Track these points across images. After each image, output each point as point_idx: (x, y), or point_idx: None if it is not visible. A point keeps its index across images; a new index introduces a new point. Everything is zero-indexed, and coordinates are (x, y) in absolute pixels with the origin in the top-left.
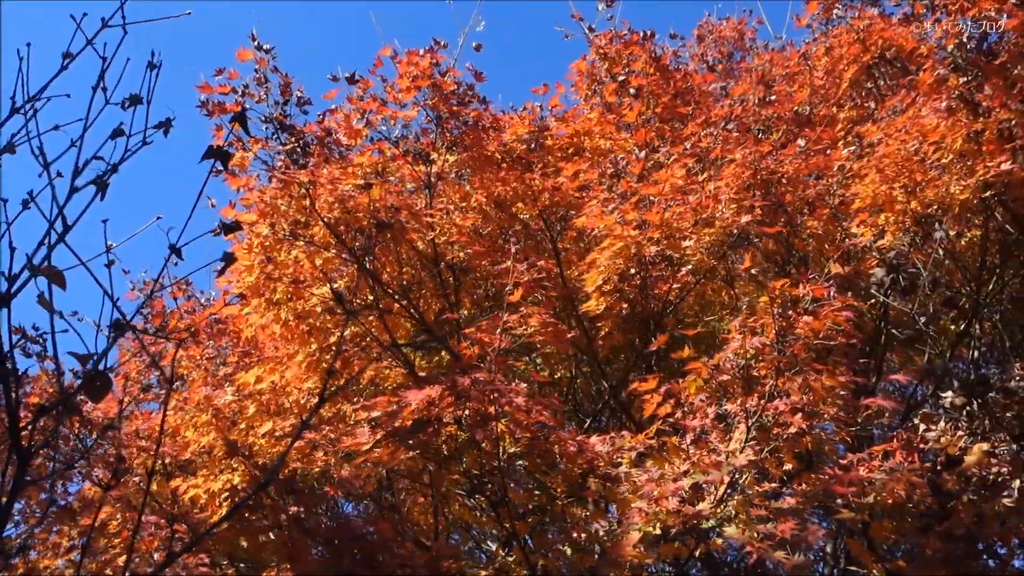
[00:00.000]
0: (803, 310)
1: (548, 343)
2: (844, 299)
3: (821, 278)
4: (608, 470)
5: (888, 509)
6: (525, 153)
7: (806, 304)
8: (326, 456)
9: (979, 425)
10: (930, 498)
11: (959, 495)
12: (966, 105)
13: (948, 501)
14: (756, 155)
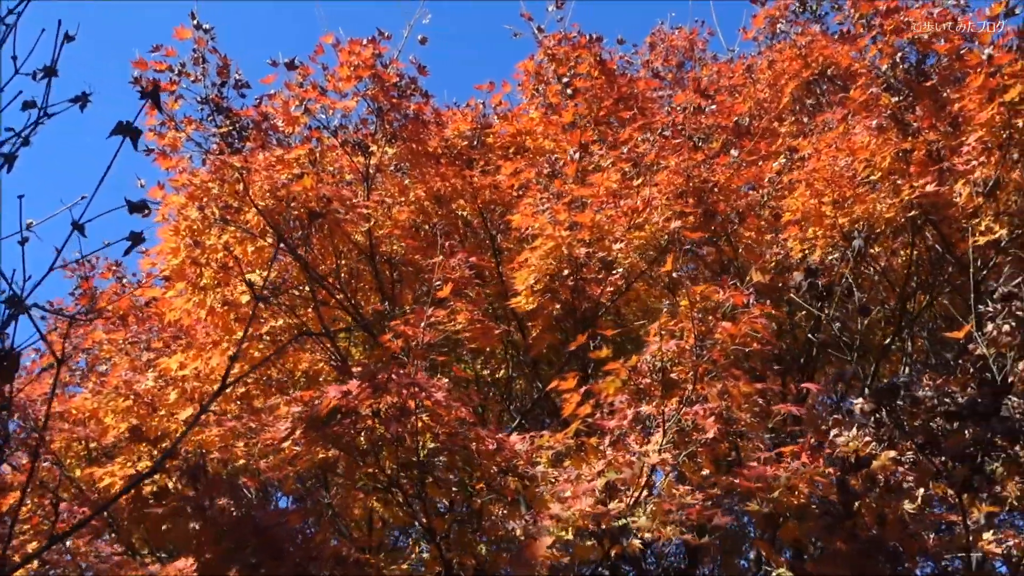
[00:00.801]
0: (722, 316)
1: (476, 339)
2: (763, 307)
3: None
4: (527, 469)
5: (795, 511)
6: (467, 150)
7: (726, 310)
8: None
9: (886, 432)
10: (835, 496)
11: (864, 495)
12: (896, 124)
13: (854, 500)
14: (689, 163)
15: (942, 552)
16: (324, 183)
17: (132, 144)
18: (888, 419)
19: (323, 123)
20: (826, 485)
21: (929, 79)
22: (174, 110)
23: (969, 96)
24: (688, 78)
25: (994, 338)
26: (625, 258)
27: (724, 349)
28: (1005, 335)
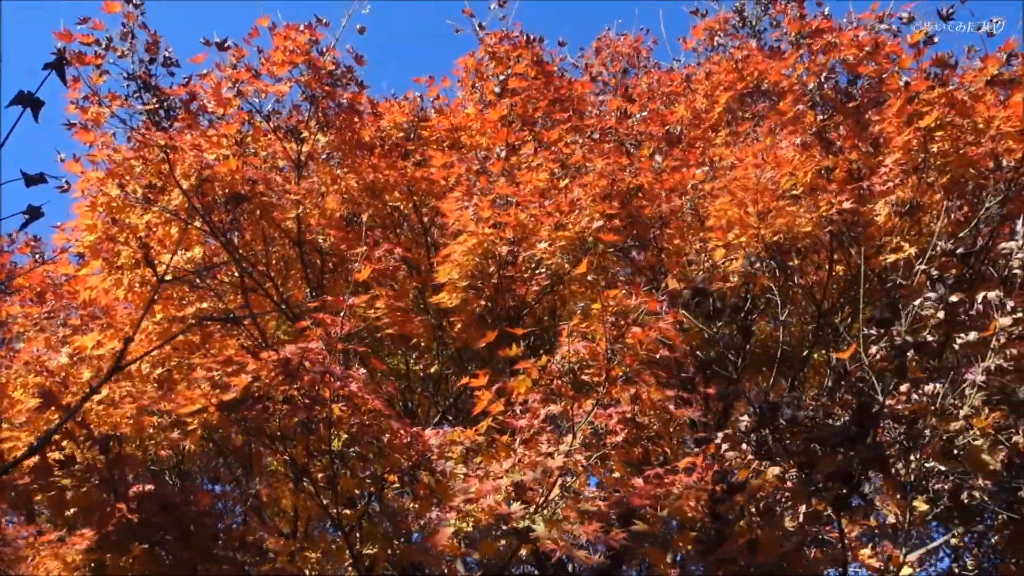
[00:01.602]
0: (635, 321)
1: (396, 327)
2: (676, 314)
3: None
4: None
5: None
6: (402, 142)
7: (639, 316)
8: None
9: (766, 450)
10: (708, 521)
11: (735, 521)
12: (820, 142)
13: (725, 527)
14: (615, 166)
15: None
16: (252, 167)
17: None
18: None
19: (255, 107)
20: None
21: (853, 100)
22: (99, 84)
23: (888, 119)
24: (630, 84)
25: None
26: (550, 258)
27: (636, 354)
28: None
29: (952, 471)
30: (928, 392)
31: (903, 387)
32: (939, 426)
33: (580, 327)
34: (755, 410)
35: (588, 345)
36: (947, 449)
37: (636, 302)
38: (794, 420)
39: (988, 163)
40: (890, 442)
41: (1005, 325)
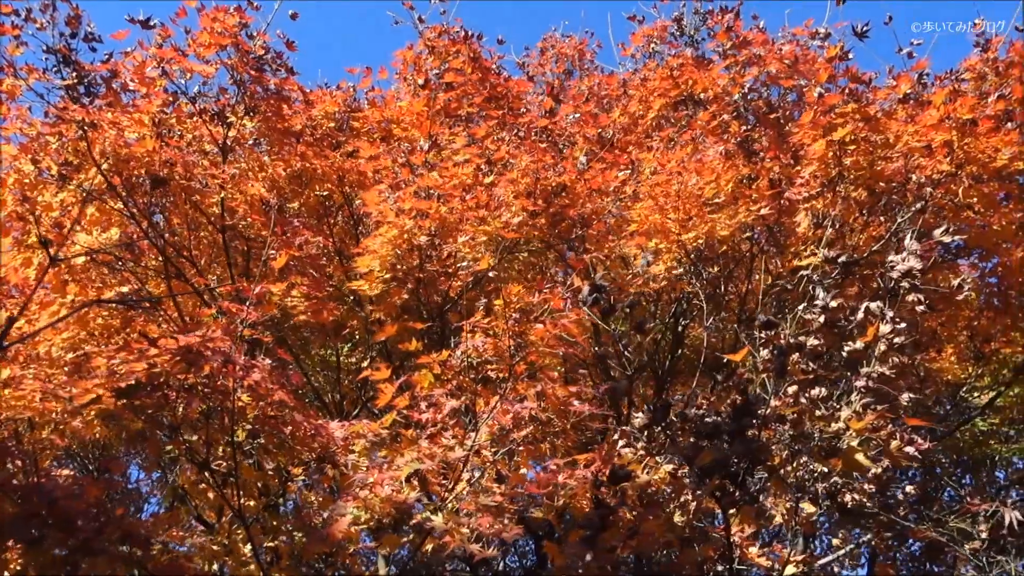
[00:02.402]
0: (535, 318)
1: (310, 316)
2: (580, 312)
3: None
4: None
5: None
6: (333, 132)
7: (542, 312)
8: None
9: (656, 446)
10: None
11: (619, 508)
12: (743, 151)
13: (609, 514)
14: (539, 164)
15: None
16: (172, 148)
17: None
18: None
19: (181, 88)
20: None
21: (775, 111)
22: (16, 56)
23: (804, 131)
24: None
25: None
26: (471, 253)
27: (540, 351)
28: (766, 361)
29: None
30: (813, 396)
31: (791, 389)
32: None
33: (482, 323)
34: (648, 407)
35: (492, 341)
36: (828, 451)
37: (538, 299)
38: (684, 417)
39: (900, 178)
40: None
41: (884, 333)
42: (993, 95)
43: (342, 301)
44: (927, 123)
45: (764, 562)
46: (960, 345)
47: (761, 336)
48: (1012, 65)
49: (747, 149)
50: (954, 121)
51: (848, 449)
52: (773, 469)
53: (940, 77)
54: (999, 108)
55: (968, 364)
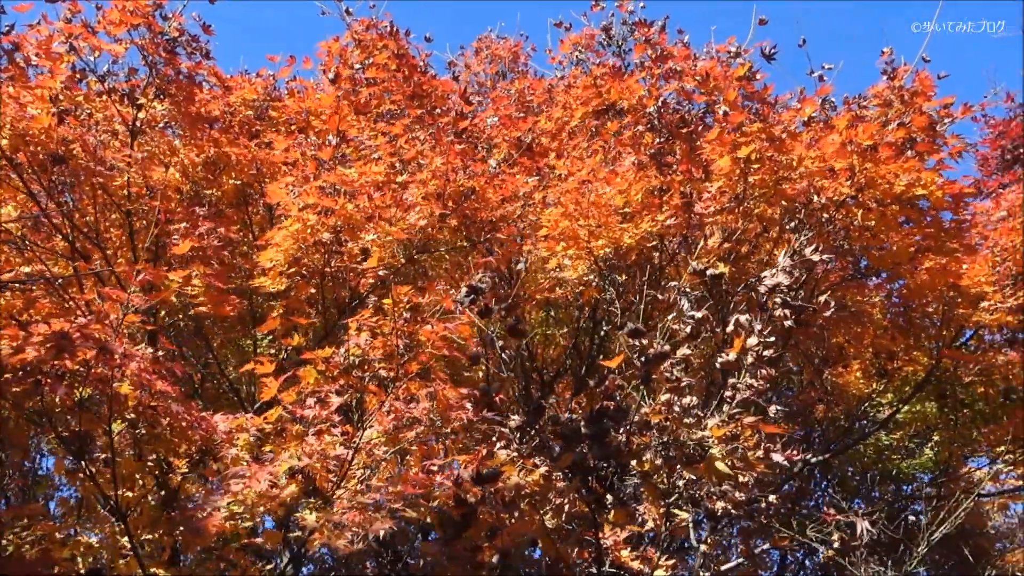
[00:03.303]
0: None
1: (209, 308)
2: (470, 315)
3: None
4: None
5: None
6: (251, 120)
7: (432, 312)
8: None
9: (528, 447)
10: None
11: (480, 506)
12: (655, 163)
13: (470, 513)
14: (449, 166)
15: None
16: (73, 126)
17: None
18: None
19: (90, 66)
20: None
21: (689, 125)
22: None
23: (712, 147)
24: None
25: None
26: (379, 251)
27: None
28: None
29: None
30: (684, 404)
31: (663, 397)
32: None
33: (369, 321)
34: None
35: (381, 340)
36: (689, 458)
37: (427, 300)
38: (556, 420)
39: (804, 198)
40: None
41: (752, 345)
42: (894, 123)
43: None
44: (829, 148)
45: (637, 565)
46: (866, 362)
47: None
48: (916, 94)
49: (660, 161)
50: (856, 146)
51: (710, 457)
52: (646, 475)
53: (848, 101)
54: (900, 136)
55: (872, 380)
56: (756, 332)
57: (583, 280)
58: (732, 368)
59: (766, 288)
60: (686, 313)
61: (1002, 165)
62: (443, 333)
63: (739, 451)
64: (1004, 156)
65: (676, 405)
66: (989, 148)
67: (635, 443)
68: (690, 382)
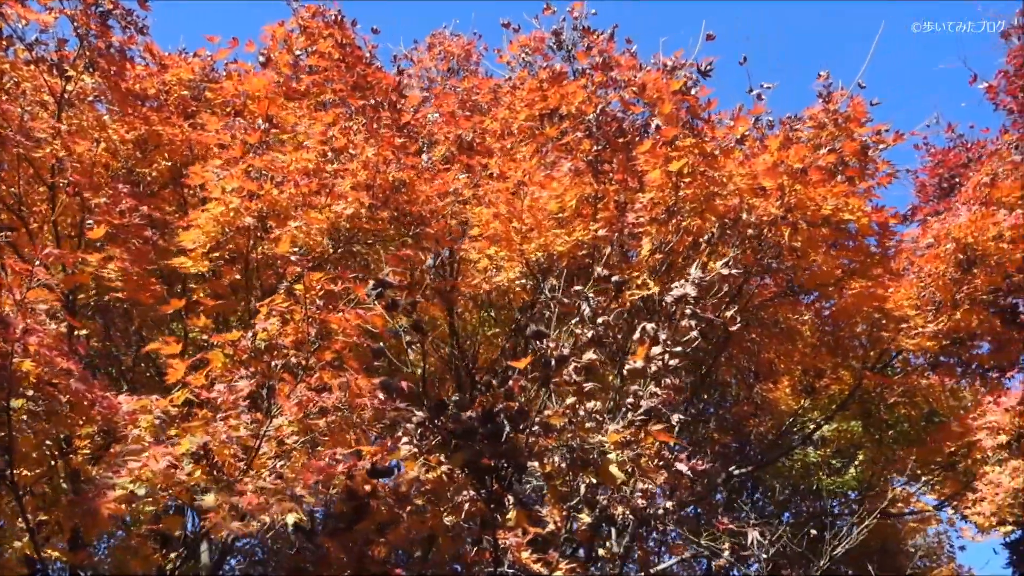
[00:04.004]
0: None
1: (125, 293)
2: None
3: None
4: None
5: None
6: (185, 100)
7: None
8: None
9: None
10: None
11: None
12: (592, 170)
13: (361, 507)
14: (380, 159)
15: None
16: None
17: None
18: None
19: (18, 32)
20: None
21: (626, 135)
22: None
23: (645, 159)
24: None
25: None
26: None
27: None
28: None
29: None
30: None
31: (569, 400)
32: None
33: (280, 306)
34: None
35: (293, 326)
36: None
37: (340, 288)
38: (456, 418)
39: (734, 214)
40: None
41: (656, 354)
42: (825, 147)
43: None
44: (760, 167)
45: (538, 568)
46: (795, 378)
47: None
48: (850, 119)
49: (596, 169)
50: (787, 168)
51: (604, 461)
52: (550, 477)
53: (784, 122)
54: (831, 160)
55: (801, 397)
56: (661, 341)
57: (514, 283)
58: (638, 375)
59: (673, 299)
60: (588, 318)
61: (939, 192)
62: (356, 322)
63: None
64: (941, 184)
65: (581, 409)
66: (928, 176)
67: (537, 445)
68: (594, 387)
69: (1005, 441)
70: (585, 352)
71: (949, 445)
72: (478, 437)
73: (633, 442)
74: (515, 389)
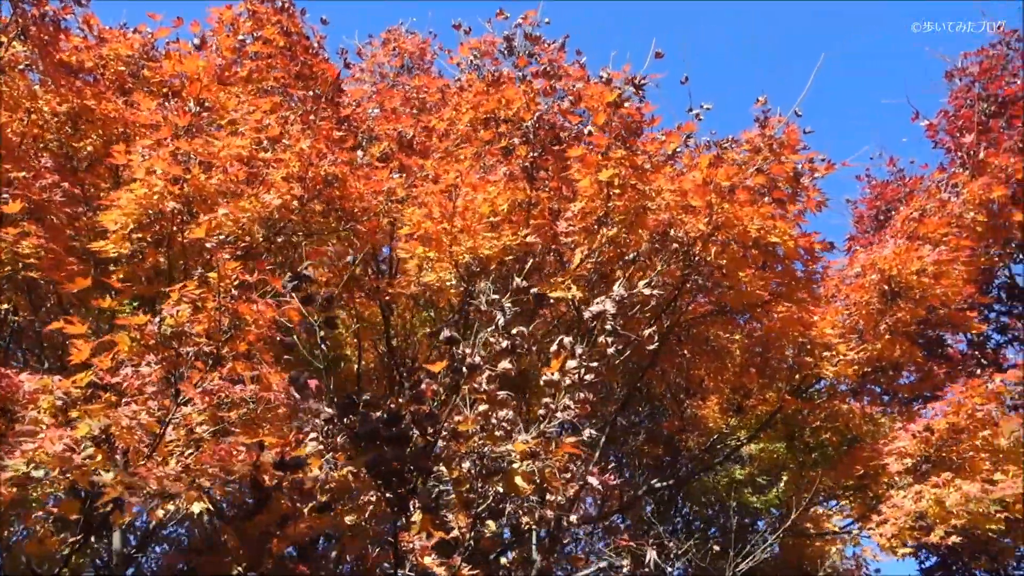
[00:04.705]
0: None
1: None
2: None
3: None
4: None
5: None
6: (122, 76)
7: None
8: None
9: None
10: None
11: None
12: (526, 175)
13: (263, 499)
14: (314, 151)
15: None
16: None
17: None
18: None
19: None
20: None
21: (562, 143)
22: None
23: (576, 168)
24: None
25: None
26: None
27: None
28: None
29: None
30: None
31: (482, 408)
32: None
33: (192, 293)
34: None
35: (206, 314)
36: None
37: (255, 278)
38: (364, 419)
39: (663, 229)
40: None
41: (571, 367)
42: (752, 168)
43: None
44: (688, 184)
45: (441, 572)
46: (724, 397)
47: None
48: (784, 146)
49: (531, 175)
50: (715, 186)
51: (510, 471)
52: (459, 483)
53: (719, 143)
54: (759, 181)
55: (728, 415)
56: (576, 355)
57: (444, 284)
58: (554, 387)
59: (591, 314)
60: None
61: (875, 224)
62: (271, 315)
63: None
64: (878, 216)
65: (493, 417)
66: (866, 207)
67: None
68: (507, 396)
69: (910, 465)
70: (500, 361)
71: (859, 468)
72: (382, 439)
73: (541, 454)
74: (427, 393)
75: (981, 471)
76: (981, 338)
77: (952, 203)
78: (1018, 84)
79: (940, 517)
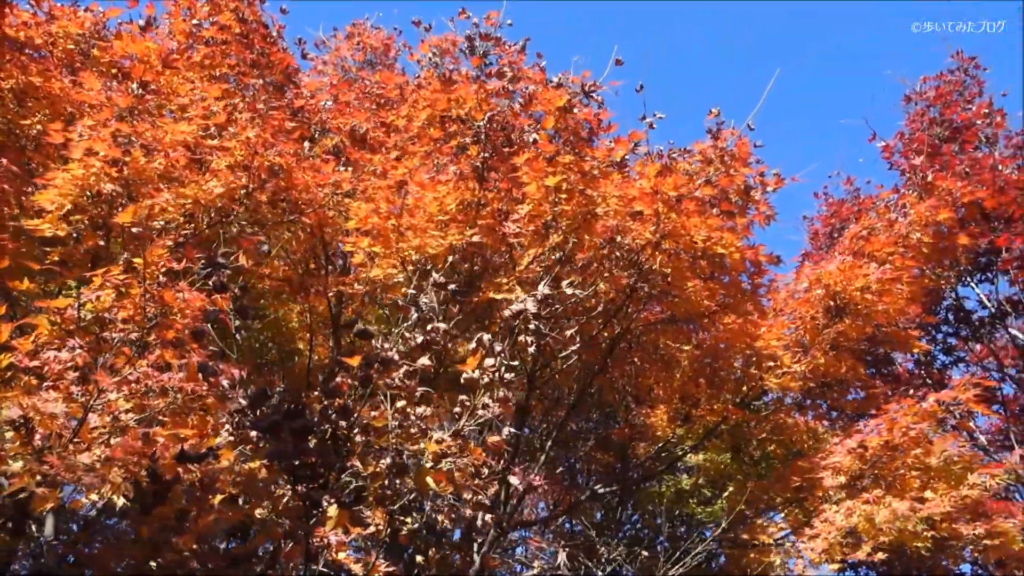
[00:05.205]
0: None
1: None
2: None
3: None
4: None
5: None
6: (71, 55)
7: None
8: None
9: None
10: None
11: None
12: (476, 175)
13: (164, 490)
14: (260, 140)
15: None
16: None
17: None
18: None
19: None
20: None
21: (513, 145)
22: None
23: (523, 171)
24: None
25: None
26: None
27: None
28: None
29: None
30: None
31: (399, 403)
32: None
33: (116, 278)
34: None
35: (131, 300)
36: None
37: (182, 265)
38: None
39: (609, 235)
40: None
41: (489, 366)
42: (700, 179)
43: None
44: (634, 191)
45: (357, 568)
46: (672, 406)
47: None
48: (735, 158)
49: (481, 175)
50: (662, 195)
51: (421, 470)
52: (376, 477)
53: (670, 152)
54: (708, 192)
55: (676, 424)
56: (495, 353)
57: (390, 279)
58: (474, 385)
59: (512, 312)
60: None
61: (829, 241)
62: (199, 303)
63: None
64: (832, 233)
65: (412, 414)
66: (822, 224)
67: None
68: (426, 391)
69: (845, 480)
70: (419, 357)
71: (796, 480)
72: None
73: (454, 453)
74: (343, 387)
75: (912, 489)
76: (928, 358)
77: (900, 223)
78: (973, 111)
79: (869, 533)
